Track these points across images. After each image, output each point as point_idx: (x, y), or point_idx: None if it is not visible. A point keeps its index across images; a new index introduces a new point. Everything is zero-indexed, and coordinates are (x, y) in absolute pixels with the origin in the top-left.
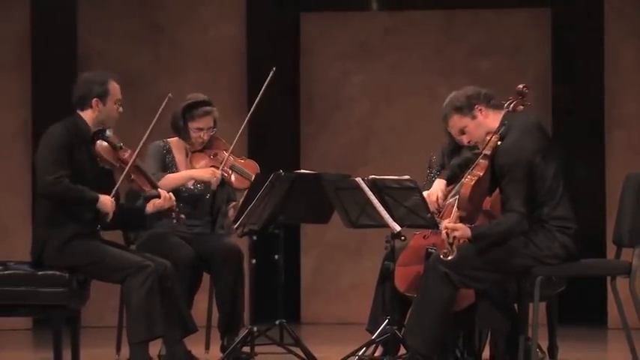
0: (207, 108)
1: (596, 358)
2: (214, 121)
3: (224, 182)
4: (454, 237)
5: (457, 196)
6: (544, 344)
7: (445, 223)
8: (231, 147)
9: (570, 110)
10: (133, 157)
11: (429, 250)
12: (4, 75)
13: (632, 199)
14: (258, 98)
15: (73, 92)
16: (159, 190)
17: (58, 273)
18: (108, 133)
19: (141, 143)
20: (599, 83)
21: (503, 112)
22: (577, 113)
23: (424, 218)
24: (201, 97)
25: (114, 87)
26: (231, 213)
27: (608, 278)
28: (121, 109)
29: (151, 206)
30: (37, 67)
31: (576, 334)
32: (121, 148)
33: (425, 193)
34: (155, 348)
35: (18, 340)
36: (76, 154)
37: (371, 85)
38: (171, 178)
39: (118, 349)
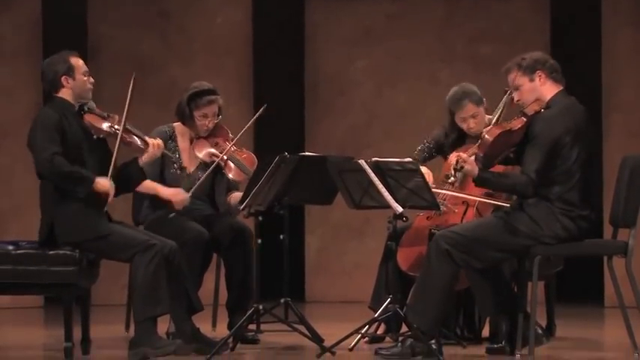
0: (212, 97)
1: (593, 335)
2: (219, 109)
3: (222, 172)
4: (462, 167)
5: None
6: (542, 322)
7: (460, 154)
8: (235, 139)
9: (568, 94)
10: (123, 119)
11: (432, 230)
12: (16, 60)
13: (629, 181)
14: (245, 128)
15: (42, 80)
16: (147, 139)
17: (68, 252)
18: (91, 104)
19: (126, 107)
20: (597, 69)
21: (560, 88)
22: (575, 97)
23: (426, 199)
24: (205, 85)
25: (76, 61)
26: (231, 202)
27: (605, 258)
28: (91, 79)
29: (145, 157)
30: (47, 53)
31: (574, 312)
32: (108, 116)
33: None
34: (164, 325)
35: (30, 318)
36: (69, 131)
37: (374, 70)
38: (143, 186)
39: (127, 326)
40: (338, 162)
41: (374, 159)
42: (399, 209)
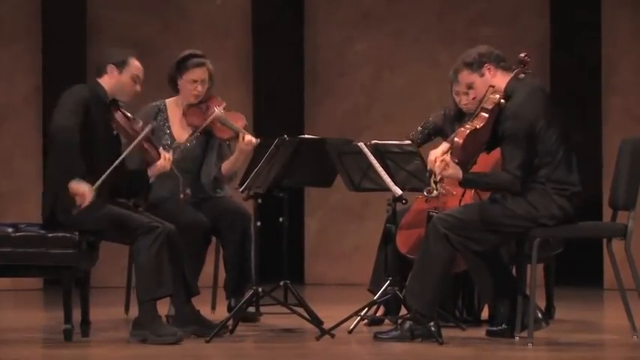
0: (200, 59)
1: (593, 318)
2: (209, 75)
3: (213, 135)
4: (441, 177)
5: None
6: (541, 305)
7: (435, 165)
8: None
9: (568, 76)
10: (145, 130)
11: (431, 213)
12: (15, 43)
13: (628, 163)
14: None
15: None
16: (160, 151)
17: (68, 234)
18: (121, 103)
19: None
20: (597, 50)
21: (511, 75)
22: (575, 79)
23: (425, 182)
24: (193, 50)
25: (133, 62)
26: (223, 169)
27: (605, 240)
28: (138, 87)
29: (154, 170)
30: (47, 35)
31: (573, 295)
32: (133, 119)
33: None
34: (164, 308)
35: (29, 300)
36: (92, 115)
37: (374, 52)
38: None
39: (127, 309)
40: (337, 144)
41: (373, 141)
42: (399, 192)
